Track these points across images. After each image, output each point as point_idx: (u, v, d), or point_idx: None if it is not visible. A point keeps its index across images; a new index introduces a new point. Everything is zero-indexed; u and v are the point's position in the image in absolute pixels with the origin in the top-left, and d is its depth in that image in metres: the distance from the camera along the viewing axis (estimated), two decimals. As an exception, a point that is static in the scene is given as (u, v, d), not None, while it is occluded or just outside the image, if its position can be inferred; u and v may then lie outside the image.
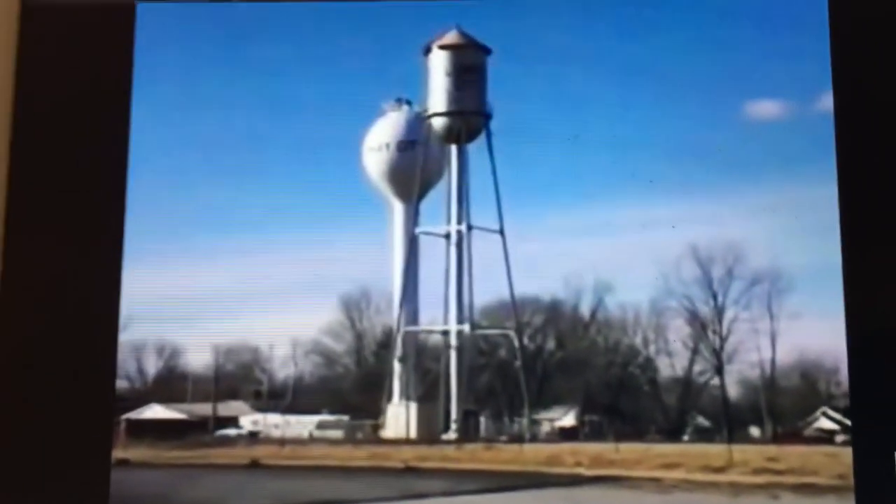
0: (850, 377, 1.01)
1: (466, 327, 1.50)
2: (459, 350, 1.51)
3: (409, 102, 1.49)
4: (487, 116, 1.47)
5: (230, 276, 1.21)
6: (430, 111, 1.56)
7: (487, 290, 1.44)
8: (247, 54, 1.19)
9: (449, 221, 1.58)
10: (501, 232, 1.35)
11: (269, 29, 1.18)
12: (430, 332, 1.53)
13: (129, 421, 1.19)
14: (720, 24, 1.13)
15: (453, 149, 1.59)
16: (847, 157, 1.03)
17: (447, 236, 1.58)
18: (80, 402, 1.03)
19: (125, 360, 1.11)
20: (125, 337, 1.08)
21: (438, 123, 1.57)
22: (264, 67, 1.20)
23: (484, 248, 1.44)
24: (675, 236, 1.18)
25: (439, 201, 1.60)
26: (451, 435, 1.41)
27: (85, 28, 1.11)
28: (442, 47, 1.50)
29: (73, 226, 1.06)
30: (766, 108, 1.17)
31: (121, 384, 1.12)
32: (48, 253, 1.05)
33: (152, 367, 1.26)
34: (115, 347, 1.04)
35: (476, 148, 1.53)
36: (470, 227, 1.54)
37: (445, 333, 1.53)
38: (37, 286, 1.05)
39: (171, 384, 1.31)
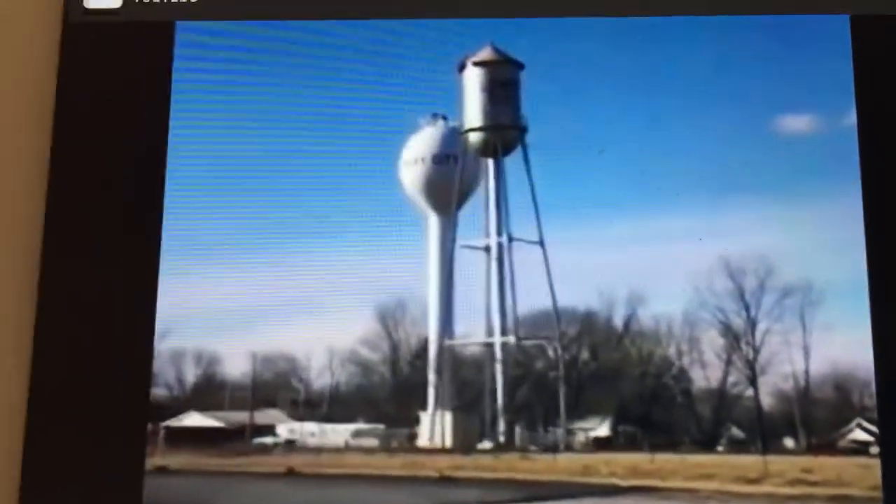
0: (877, 389, 1.01)
1: (511, 339, 1.51)
2: (504, 362, 1.52)
3: (444, 118, 1.50)
4: (523, 130, 1.48)
5: (267, 286, 1.23)
6: (466, 127, 1.57)
7: (523, 301, 1.45)
8: (282, 71, 1.22)
9: (488, 234, 1.59)
10: (541, 243, 1.36)
11: (305, 46, 1.21)
12: (475, 344, 1.54)
13: (168, 428, 1.21)
14: (747, 41, 1.14)
15: (490, 162, 1.60)
16: (871, 172, 1.03)
17: (487, 249, 1.59)
18: (115, 409, 1.06)
19: (164, 369, 1.14)
20: (164, 346, 1.11)
21: (475, 138, 1.58)
22: (300, 84, 1.22)
23: (518, 259, 1.46)
24: (707, 249, 1.19)
25: (472, 214, 1.61)
26: (486, 444, 1.41)
27: (125, 46, 1.14)
28: (476, 63, 1.51)
29: (111, 237, 1.09)
30: (792, 123, 1.17)
31: (160, 392, 1.14)
32: (86, 264, 1.08)
33: (191, 375, 1.28)
34: (151, 356, 1.07)
35: (509, 161, 1.54)
36: (511, 239, 1.55)
37: (489, 345, 1.54)
38: (74, 297, 1.08)
39: (209, 392, 1.33)
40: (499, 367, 1.51)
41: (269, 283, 1.23)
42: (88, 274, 1.09)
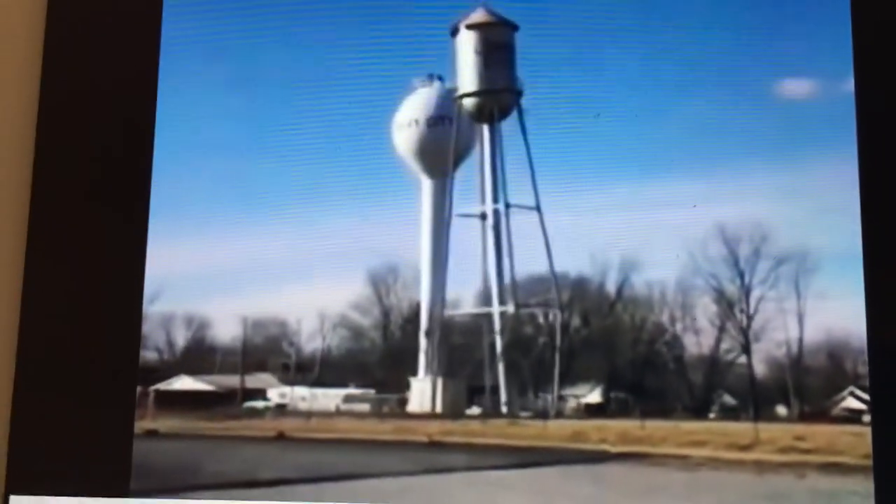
0: (870, 358, 1.01)
1: (511, 308, 1.50)
2: (503, 330, 1.51)
3: (440, 78, 1.48)
4: (518, 93, 1.46)
5: (258, 249, 1.22)
6: (461, 91, 1.55)
7: (515, 267, 1.45)
8: (275, 31, 1.20)
9: (484, 201, 1.58)
10: (538, 208, 1.34)
11: (298, 6, 1.19)
12: (475, 315, 1.52)
13: (158, 392, 1.21)
14: (745, 5, 1.13)
15: (485, 128, 1.58)
16: (868, 139, 1.02)
17: (483, 216, 1.57)
18: (105, 372, 1.05)
19: (154, 332, 1.13)
20: (155, 309, 1.10)
21: (469, 103, 1.56)
22: (294, 44, 1.21)
23: (512, 225, 1.45)
24: (702, 215, 1.18)
25: (465, 179, 1.59)
26: (475, 410, 1.41)
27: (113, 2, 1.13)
28: (469, 27, 1.49)
29: (99, 198, 1.08)
30: (790, 89, 1.16)
31: (150, 356, 1.14)
32: (74, 224, 1.07)
33: (181, 338, 1.27)
34: (141, 319, 1.06)
35: (504, 126, 1.53)
36: (508, 206, 1.53)
37: (487, 315, 1.52)
38: (62, 258, 1.07)
39: (199, 356, 1.33)
40: (497, 336, 1.50)
41: (260, 247, 1.22)
42: (77, 234, 1.08)
